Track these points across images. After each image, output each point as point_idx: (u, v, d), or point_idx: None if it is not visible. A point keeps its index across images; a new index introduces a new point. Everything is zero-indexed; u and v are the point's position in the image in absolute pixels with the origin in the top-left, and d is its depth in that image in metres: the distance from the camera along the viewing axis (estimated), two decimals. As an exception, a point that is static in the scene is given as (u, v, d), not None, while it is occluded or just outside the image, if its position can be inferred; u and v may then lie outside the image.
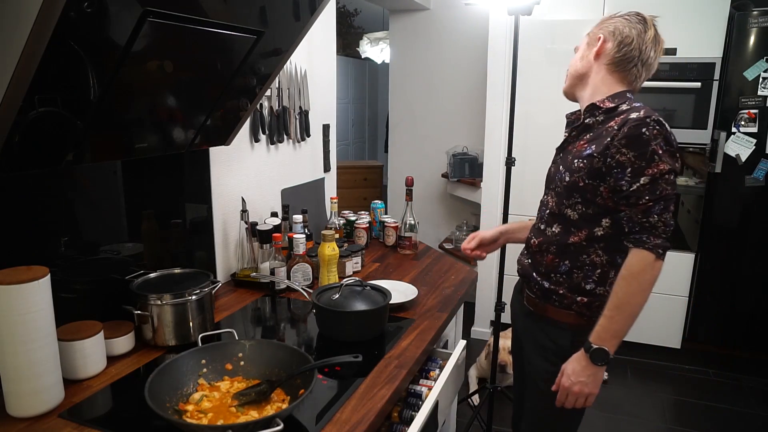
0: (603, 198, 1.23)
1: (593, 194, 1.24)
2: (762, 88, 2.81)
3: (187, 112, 1.35)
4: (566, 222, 1.31)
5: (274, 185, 2.13)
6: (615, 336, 1.20)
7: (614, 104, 1.26)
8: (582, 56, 1.32)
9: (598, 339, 1.21)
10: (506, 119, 2.91)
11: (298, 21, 1.35)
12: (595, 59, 1.29)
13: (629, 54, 1.26)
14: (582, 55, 1.32)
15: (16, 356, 1.02)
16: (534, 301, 1.40)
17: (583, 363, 1.23)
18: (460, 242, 3.71)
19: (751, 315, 3.08)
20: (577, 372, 1.24)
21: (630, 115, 1.19)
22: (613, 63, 1.28)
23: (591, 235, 1.27)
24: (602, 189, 1.23)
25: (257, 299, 1.72)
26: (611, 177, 1.20)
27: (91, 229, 1.36)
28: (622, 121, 1.20)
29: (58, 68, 0.90)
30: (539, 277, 1.37)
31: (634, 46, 1.25)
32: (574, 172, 1.26)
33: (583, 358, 1.23)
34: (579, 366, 1.24)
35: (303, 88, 2.20)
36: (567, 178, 1.28)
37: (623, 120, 1.20)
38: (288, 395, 1.10)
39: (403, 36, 4.08)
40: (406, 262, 2.12)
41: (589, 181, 1.24)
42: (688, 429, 2.51)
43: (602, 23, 1.32)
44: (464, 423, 2.44)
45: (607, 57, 1.28)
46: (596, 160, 1.22)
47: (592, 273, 1.29)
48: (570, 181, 1.27)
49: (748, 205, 2.98)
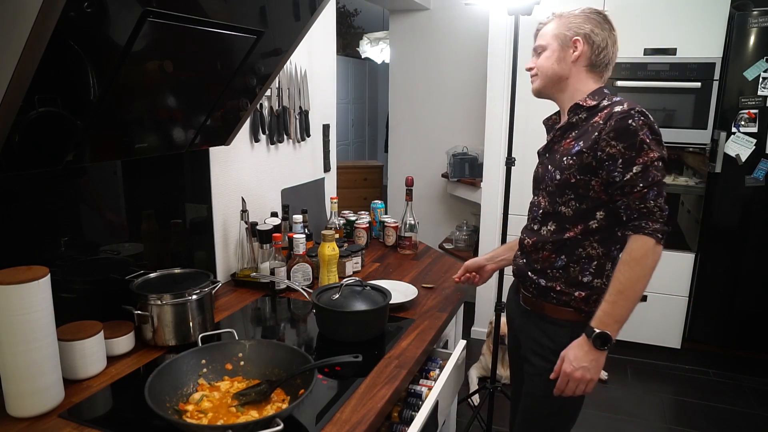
0: (595, 191, 1.26)
1: (585, 189, 1.27)
2: (762, 88, 2.81)
3: (187, 112, 1.35)
4: (561, 219, 1.32)
5: (274, 185, 2.13)
6: (617, 321, 1.21)
7: (596, 101, 1.30)
8: (558, 59, 1.32)
9: (600, 323, 1.22)
10: (506, 119, 2.91)
11: (298, 21, 1.35)
12: (574, 63, 1.32)
13: (605, 57, 1.33)
14: (558, 57, 1.32)
15: (16, 356, 1.02)
16: (531, 299, 1.41)
17: (585, 348, 1.23)
18: (460, 242, 3.72)
19: (751, 315, 3.08)
20: (579, 357, 1.23)
21: (614, 109, 1.23)
22: (591, 65, 1.33)
23: (586, 229, 1.29)
24: (594, 183, 1.25)
25: (257, 299, 1.72)
26: (603, 170, 1.23)
27: (91, 229, 1.36)
28: (607, 115, 1.24)
29: (58, 68, 0.90)
30: (535, 275, 1.37)
31: (609, 49, 1.32)
32: (565, 170, 1.29)
33: (585, 343, 1.23)
34: (581, 351, 1.24)
35: (303, 88, 2.20)
36: (558, 177, 1.30)
37: (608, 114, 1.24)
38: (288, 395, 1.10)
39: (403, 36, 4.08)
40: (406, 262, 2.12)
41: (581, 176, 1.26)
42: (688, 429, 2.51)
43: (569, 23, 1.31)
44: (464, 423, 2.44)
45: (586, 60, 1.32)
46: (586, 156, 1.25)
47: (588, 266, 1.31)
48: (561, 178, 1.29)
49: (748, 205, 2.98)
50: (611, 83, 3.00)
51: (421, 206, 4.04)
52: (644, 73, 2.94)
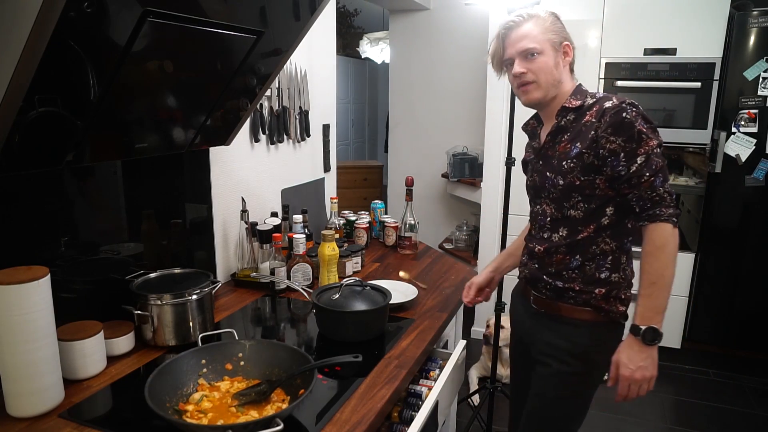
0: (601, 189, 1.26)
1: (591, 189, 1.26)
2: (762, 88, 2.81)
3: (187, 112, 1.35)
4: (571, 223, 1.31)
5: (274, 185, 2.13)
6: (658, 312, 1.22)
7: (580, 101, 1.30)
8: (556, 64, 1.30)
9: (643, 319, 1.22)
10: (506, 119, 2.91)
11: (298, 21, 1.35)
12: (564, 67, 1.32)
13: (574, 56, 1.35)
14: (555, 63, 1.30)
15: (16, 356, 1.02)
16: (544, 301, 1.38)
17: (636, 347, 1.23)
18: (460, 242, 3.72)
19: (751, 315, 3.08)
20: (634, 359, 1.23)
21: (604, 105, 1.24)
22: (571, 66, 1.34)
23: (598, 226, 1.29)
24: (599, 181, 1.25)
25: (257, 299, 1.72)
26: (607, 166, 1.23)
27: (91, 229, 1.36)
28: (598, 112, 1.24)
29: (58, 68, 0.90)
30: (550, 278, 1.35)
31: None
32: (567, 174, 1.28)
33: (635, 342, 1.23)
34: (633, 352, 1.23)
35: (303, 88, 2.20)
36: (561, 182, 1.29)
37: (599, 111, 1.24)
38: (288, 395, 1.10)
39: (403, 36, 4.08)
40: (406, 262, 2.12)
41: (585, 177, 1.26)
42: (688, 429, 2.51)
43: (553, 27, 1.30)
44: (464, 423, 2.44)
45: (570, 62, 1.33)
46: (587, 156, 1.24)
47: (603, 261, 1.30)
48: (565, 183, 1.28)
49: (748, 205, 2.98)
50: (611, 83, 3.00)
51: (421, 206, 4.04)
52: (644, 73, 2.94)
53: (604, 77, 3.01)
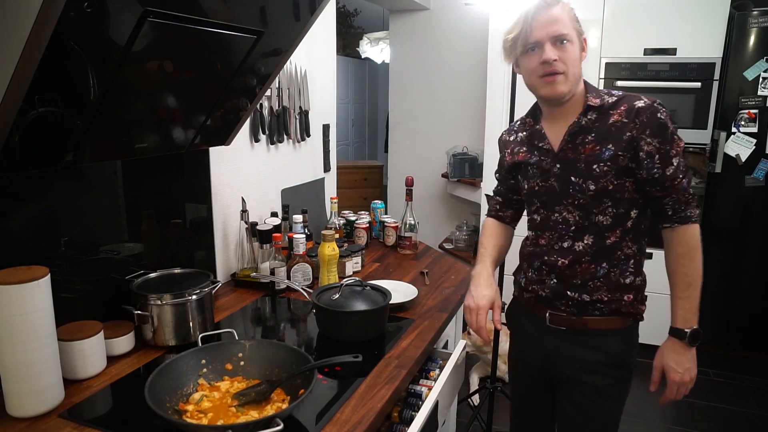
0: (630, 192, 1.22)
1: (621, 192, 1.22)
2: (762, 88, 2.81)
3: (187, 112, 1.35)
4: (599, 229, 1.25)
5: (274, 185, 2.13)
6: (695, 313, 1.24)
7: (599, 99, 1.21)
8: (580, 57, 1.22)
9: (686, 322, 1.23)
10: (506, 119, 2.91)
11: (298, 21, 1.35)
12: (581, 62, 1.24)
13: None
14: (580, 56, 1.22)
15: (16, 356, 1.02)
16: (566, 318, 1.30)
17: (681, 350, 1.24)
18: (460, 242, 3.73)
19: (751, 315, 3.08)
20: (681, 362, 1.24)
21: (635, 104, 1.18)
22: None
23: (624, 230, 1.25)
24: (628, 184, 1.22)
25: (257, 299, 1.72)
26: (642, 169, 1.19)
27: (91, 229, 1.36)
28: (629, 112, 1.18)
29: (58, 68, 0.90)
30: (575, 292, 1.27)
31: None
32: (600, 178, 1.20)
33: (679, 346, 1.24)
34: (679, 355, 1.25)
35: (303, 88, 2.20)
36: (593, 187, 1.21)
37: (629, 111, 1.18)
38: (288, 395, 1.10)
39: (403, 36, 4.08)
40: (406, 262, 2.12)
41: (618, 181, 1.21)
42: (688, 429, 2.51)
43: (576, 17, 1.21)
44: (464, 423, 2.44)
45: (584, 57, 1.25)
46: (622, 158, 1.19)
47: (626, 266, 1.27)
48: (597, 188, 1.21)
49: (748, 205, 2.98)
50: (611, 84, 3.00)
51: (421, 206, 4.04)
52: (644, 73, 2.95)
53: (604, 77, 3.02)
